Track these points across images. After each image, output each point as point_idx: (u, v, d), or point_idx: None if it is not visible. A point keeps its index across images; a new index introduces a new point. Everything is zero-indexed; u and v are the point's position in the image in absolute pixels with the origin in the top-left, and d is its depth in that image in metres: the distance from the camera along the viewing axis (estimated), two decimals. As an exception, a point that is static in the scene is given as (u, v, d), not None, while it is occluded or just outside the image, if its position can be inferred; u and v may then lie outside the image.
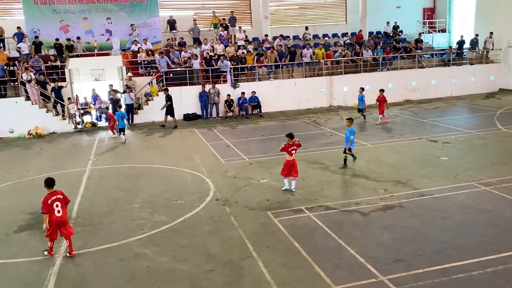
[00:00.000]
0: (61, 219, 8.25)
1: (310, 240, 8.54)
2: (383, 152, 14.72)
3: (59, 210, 8.20)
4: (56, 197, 8.25)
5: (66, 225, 8.40)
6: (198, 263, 7.90)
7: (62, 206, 8.26)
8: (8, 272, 7.96)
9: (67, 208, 8.50)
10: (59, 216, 8.20)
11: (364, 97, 20.26)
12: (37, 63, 22.47)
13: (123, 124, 18.61)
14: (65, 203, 8.38)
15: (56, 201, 8.22)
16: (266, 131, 19.26)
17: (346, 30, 30.87)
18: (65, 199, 8.42)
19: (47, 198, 8.21)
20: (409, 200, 10.43)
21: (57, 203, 8.22)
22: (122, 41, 25.15)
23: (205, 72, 23.99)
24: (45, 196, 8.25)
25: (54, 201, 8.20)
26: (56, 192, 8.34)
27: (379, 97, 19.86)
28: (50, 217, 8.19)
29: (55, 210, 8.17)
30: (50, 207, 8.15)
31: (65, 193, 10.32)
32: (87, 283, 7.42)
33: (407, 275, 7.14)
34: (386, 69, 26.92)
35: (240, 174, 13.05)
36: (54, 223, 8.20)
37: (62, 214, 8.25)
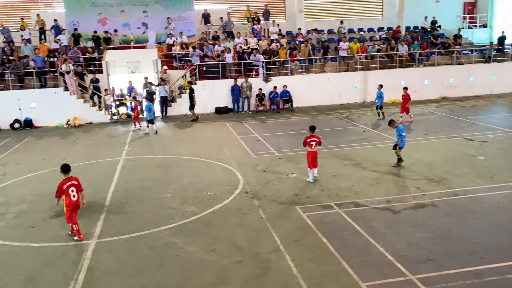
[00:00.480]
0: (76, 203, 8.70)
1: (338, 236, 8.48)
2: (416, 150, 14.39)
3: (74, 195, 8.64)
4: (72, 183, 8.68)
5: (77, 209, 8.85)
6: (226, 254, 7.99)
7: (76, 191, 8.69)
8: (44, 255, 8.29)
9: (81, 194, 8.86)
10: (75, 200, 8.65)
11: (383, 94, 19.73)
12: (76, 55, 23.17)
13: (151, 116, 18.93)
14: (78, 189, 8.75)
15: (71, 187, 8.65)
16: (296, 126, 19.18)
17: (382, 25, 30.24)
18: (79, 186, 8.78)
19: (63, 183, 8.66)
20: (442, 199, 10.17)
21: (72, 188, 8.65)
22: (157, 34, 25.55)
23: (238, 65, 24.08)
24: (61, 181, 8.70)
25: (69, 186, 8.64)
26: (71, 178, 8.76)
27: (403, 95, 19.09)
28: (68, 202, 8.64)
29: (70, 194, 8.62)
30: (65, 192, 8.60)
31: (100, 182, 10.67)
32: (118, 269, 7.64)
33: (438, 275, 6.98)
34: (423, 65, 26.22)
35: (269, 168, 13.07)
36: (71, 206, 8.65)
37: (77, 199, 8.68)
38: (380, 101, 19.70)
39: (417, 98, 24.70)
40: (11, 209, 10.67)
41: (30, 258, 8.18)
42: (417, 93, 24.81)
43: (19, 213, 10.36)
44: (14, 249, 8.56)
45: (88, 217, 9.91)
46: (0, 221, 9.94)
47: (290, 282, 6.98)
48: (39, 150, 16.71)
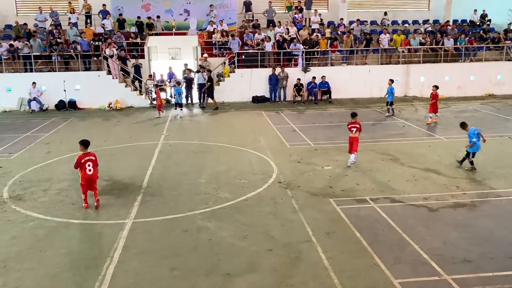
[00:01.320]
0: (91, 177, 9.37)
1: (372, 231, 8.35)
2: (458, 148, 13.87)
3: (90, 169, 9.33)
4: (89, 158, 9.38)
5: (94, 183, 9.53)
6: (257, 242, 8.03)
7: (93, 166, 9.38)
8: (82, 232, 8.63)
9: (97, 169, 9.56)
10: (90, 174, 9.34)
11: (394, 89, 19.04)
12: (119, 40, 23.69)
13: (180, 99, 19.66)
14: (95, 164, 9.42)
15: (88, 161, 9.35)
16: (334, 118, 18.94)
17: (428, 17, 29.21)
18: (96, 162, 9.46)
19: (81, 157, 9.36)
20: (483, 199, 9.81)
21: (89, 163, 9.35)
22: (199, 21, 25.73)
23: (277, 55, 23.95)
24: (80, 156, 9.42)
25: (86, 161, 9.34)
26: (89, 154, 9.47)
27: (432, 94, 17.68)
28: (83, 174, 9.34)
29: (86, 168, 9.30)
30: (83, 165, 9.30)
31: (138, 164, 10.89)
32: (153, 249, 7.83)
33: (474, 277, 6.76)
34: (469, 60, 25.21)
35: (304, 159, 13.00)
36: (85, 179, 9.35)
37: (93, 173, 9.37)
38: (391, 96, 18.96)
39: (462, 94, 23.88)
40: (54, 186, 11.13)
41: (69, 234, 8.52)
42: (461, 89, 24.01)
43: (61, 190, 10.79)
44: (56, 224, 8.93)
45: (125, 198, 10.21)
46: (43, 197, 10.38)
47: (320, 274, 6.95)
48: (82, 131, 17.29)
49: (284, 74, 22.74)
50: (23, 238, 8.35)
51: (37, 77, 21.81)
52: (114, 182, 11.33)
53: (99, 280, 6.86)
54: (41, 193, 10.65)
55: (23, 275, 7.07)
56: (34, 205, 9.88)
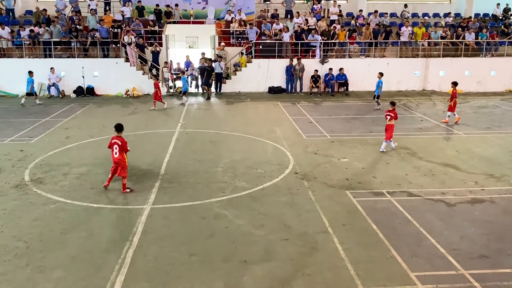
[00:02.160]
0: (116, 160, 9.71)
1: (389, 224, 8.35)
2: (477, 144, 13.76)
3: (116, 152, 9.69)
4: (115, 141, 9.70)
5: (119, 167, 9.73)
6: (274, 231, 8.09)
7: (119, 150, 9.66)
8: (102, 216, 8.77)
9: (125, 154, 9.81)
10: (115, 157, 9.70)
11: (382, 83, 18.74)
12: (138, 27, 23.79)
13: (186, 88, 20.26)
14: (122, 148, 9.68)
15: (115, 144, 9.69)
16: (351, 111, 18.84)
17: (449, 10, 28.71)
18: (123, 146, 9.70)
19: (112, 139, 9.83)
20: (502, 196, 9.72)
21: (116, 146, 9.67)
22: (217, 10, 25.70)
23: (294, 45, 23.82)
24: (112, 137, 9.90)
25: (113, 144, 9.72)
26: (118, 138, 9.75)
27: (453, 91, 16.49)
28: (112, 156, 9.80)
29: (113, 151, 9.72)
30: (111, 147, 9.75)
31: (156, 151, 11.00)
32: (171, 235, 7.95)
33: (492, 273, 6.74)
34: (490, 55, 24.77)
35: (320, 150, 12.99)
36: (113, 160, 9.80)
37: (118, 157, 9.66)
38: (378, 90, 18.72)
39: (481, 90, 23.53)
40: (74, 170, 11.32)
41: (89, 217, 8.68)
42: (481, 85, 23.65)
43: (80, 175, 10.98)
44: (76, 207, 9.11)
45: (144, 184, 10.35)
46: (63, 181, 10.58)
47: (337, 264, 6.99)
48: (100, 117, 17.50)
49: (300, 66, 22.62)
50: (44, 220, 8.54)
51: (56, 63, 22.05)
52: (132, 168, 11.44)
53: (119, 263, 7.00)
54: (61, 177, 10.85)
55: (45, 255, 7.25)
56: (54, 189, 10.08)
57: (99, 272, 6.78)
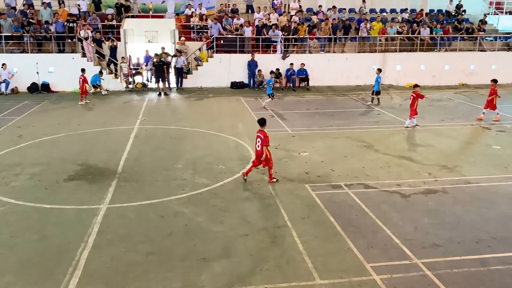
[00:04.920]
0: (257, 152, 10.09)
1: (346, 216, 8.50)
2: (432, 136, 14.23)
3: (258, 145, 10.04)
4: (258, 135, 10.06)
5: (264, 160, 10.03)
6: (233, 227, 8.08)
7: (261, 143, 9.93)
8: (55, 217, 8.47)
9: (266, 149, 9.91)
10: (258, 150, 10.05)
11: (380, 78, 19.04)
12: (95, 21, 23.11)
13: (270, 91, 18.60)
14: (263, 143, 9.90)
15: (258, 138, 10.08)
16: (311, 105, 19.05)
17: (405, 6, 29.46)
18: (265, 140, 9.89)
19: (257, 132, 10.17)
20: (454, 186, 10.10)
21: (258, 140, 10.03)
22: (176, 4, 25.34)
23: (256, 41, 23.82)
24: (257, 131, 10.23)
25: (257, 137, 10.10)
26: (262, 132, 10.04)
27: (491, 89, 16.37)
28: (255, 148, 10.20)
29: (256, 144, 10.09)
30: (256, 140, 10.15)
31: (113, 149, 10.77)
32: (128, 234, 7.78)
33: (443, 261, 6.99)
34: (444, 49, 25.65)
35: (281, 145, 13.06)
36: (256, 154, 10.19)
37: (259, 150, 9.99)
38: (377, 86, 18.91)
39: (436, 83, 24.32)
40: (26, 170, 10.89)
41: (42, 219, 8.37)
42: (436, 79, 24.46)
43: (33, 175, 10.57)
44: (27, 209, 8.77)
45: (100, 183, 10.09)
46: (15, 182, 10.16)
47: (295, 258, 7.06)
48: (55, 115, 16.92)
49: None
50: (-7, 223, 8.18)
51: (8, 59, 21.12)
52: (89, 166, 11.17)
53: (73, 265, 6.79)
54: (12, 177, 10.41)
55: (-6, 260, 6.94)
56: (5, 190, 9.66)
57: (52, 275, 6.55)
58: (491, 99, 16.39)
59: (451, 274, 6.64)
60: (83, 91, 19.17)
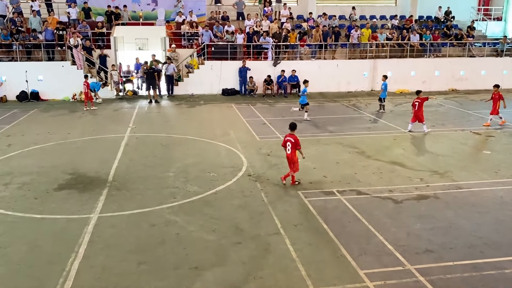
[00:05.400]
0: (288, 156, 10.31)
1: (339, 223, 8.49)
2: (422, 141, 14.32)
3: (288, 149, 10.24)
4: (288, 139, 10.23)
5: (291, 163, 10.29)
6: (226, 235, 8.02)
7: (292, 147, 10.17)
8: (45, 227, 8.36)
9: (296, 151, 10.23)
10: (288, 153, 10.28)
11: (386, 85, 18.79)
12: (85, 29, 23.01)
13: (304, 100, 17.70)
14: (293, 146, 10.15)
15: (287, 142, 10.24)
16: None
17: (395, 12, 29.79)
18: (296, 144, 10.16)
19: (285, 137, 10.43)
20: (445, 191, 10.14)
21: (289, 143, 10.20)
22: (167, 11, 25.32)
23: (247, 47, 23.87)
24: (285, 135, 10.43)
25: (286, 141, 10.28)
26: (292, 136, 10.24)
27: (493, 94, 16.62)
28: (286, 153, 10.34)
29: (286, 148, 10.28)
30: (284, 144, 10.33)
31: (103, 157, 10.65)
32: (119, 244, 7.69)
33: (436, 267, 6.99)
34: (434, 55, 25.91)
35: (273, 152, 13.05)
36: (287, 158, 10.37)
37: (290, 153, 10.22)
38: (385, 93, 18.78)
39: (427, 89, 24.39)
40: (15, 179, 10.75)
41: (32, 229, 8.25)
42: (427, 84, 24.63)
43: (23, 184, 10.43)
44: (17, 219, 8.64)
45: (90, 192, 9.98)
46: (4, 191, 10.02)
47: (289, 266, 7.02)
48: (45, 123, 16.76)
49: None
50: (-18, 234, 8.04)
51: (-3, 67, 20.96)
52: (79, 175, 11.06)
53: (63, 276, 6.69)
54: (1, 187, 10.27)
55: (-18, 272, 6.81)
56: (-7, 200, 9.52)
57: (42, 286, 6.45)
58: (495, 104, 16.40)
59: (444, 280, 6.64)
60: (87, 97, 19.38)
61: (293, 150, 10.19)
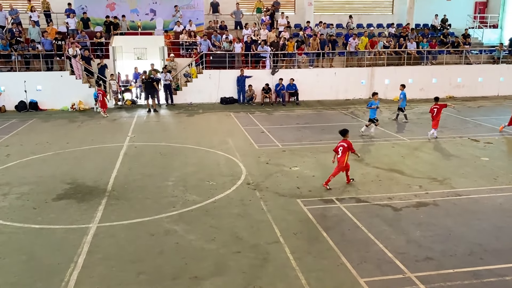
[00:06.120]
0: (338, 159, 10.75)
1: (338, 231, 8.47)
2: (421, 148, 14.35)
3: (340, 153, 10.67)
4: (341, 144, 10.73)
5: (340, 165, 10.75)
6: (225, 244, 8.00)
7: (343, 151, 10.64)
8: (44, 238, 8.32)
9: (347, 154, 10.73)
10: (339, 157, 10.71)
11: (405, 95, 18.42)
12: (83, 39, 23.10)
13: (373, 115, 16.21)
14: (347, 149, 10.67)
15: (340, 146, 10.72)
16: (301, 120, 19.14)
17: (392, 21, 29.98)
18: (349, 148, 10.71)
19: (339, 142, 10.86)
20: (444, 198, 10.15)
21: (341, 148, 10.68)
22: (165, 21, 25.45)
23: (245, 56, 23.98)
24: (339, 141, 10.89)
25: (339, 146, 10.75)
26: (345, 141, 10.76)
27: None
28: (337, 158, 10.80)
29: (338, 152, 10.69)
30: (336, 149, 10.76)
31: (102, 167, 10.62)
32: (118, 254, 7.66)
33: (437, 274, 6.97)
34: (431, 63, 26.04)
35: (272, 160, 13.06)
36: (338, 160, 10.78)
37: (341, 156, 10.66)
38: (404, 102, 18.30)
39: (424, 96, 24.60)
40: (14, 190, 10.72)
41: (31, 240, 8.22)
42: (424, 92, 24.74)
43: (22, 194, 10.41)
44: (15, 230, 8.61)
45: (89, 202, 9.96)
46: (3, 202, 9.99)
47: (288, 274, 6.99)
48: (44, 133, 16.76)
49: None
50: (-20, 245, 8.00)
51: (-5, 77, 20.99)
52: (78, 185, 11.04)
53: (62, 286, 6.66)
54: (0, 197, 10.23)
55: (-20, 283, 6.78)
56: (-8, 210, 9.49)
57: (40, 297, 6.41)
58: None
59: None
60: (103, 104, 19.86)
61: (344, 154, 10.66)
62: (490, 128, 17.07)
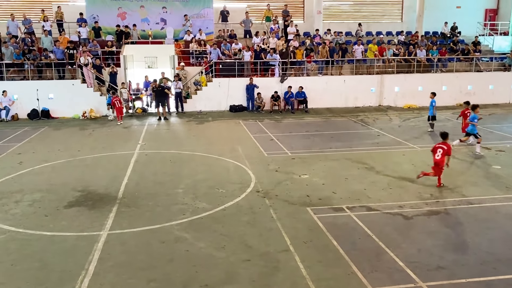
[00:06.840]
0: (436, 161, 11.25)
1: (349, 240, 8.43)
2: (431, 156, 14.20)
3: (438, 155, 11.19)
4: (440, 146, 11.27)
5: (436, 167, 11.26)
6: (235, 252, 8.00)
7: (442, 154, 11.15)
8: (55, 245, 8.38)
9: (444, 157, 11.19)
10: (437, 159, 11.22)
11: (435, 102, 17.93)
12: (95, 48, 23.40)
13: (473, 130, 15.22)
14: (446, 152, 11.17)
15: (439, 148, 11.24)
16: (310, 127, 19.13)
17: (401, 29, 29.95)
18: (448, 151, 11.20)
19: (436, 144, 11.53)
20: (456, 207, 10.05)
21: (440, 150, 11.19)
22: (175, 30, 25.71)
23: (254, 64, 24.10)
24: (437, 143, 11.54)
25: (437, 148, 11.28)
26: (444, 143, 11.32)
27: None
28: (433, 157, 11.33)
29: (436, 153, 11.23)
30: (435, 150, 11.33)
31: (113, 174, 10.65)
32: (129, 261, 7.70)
33: (448, 284, 6.90)
34: (440, 71, 25.93)
35: (281, 168, 13.06)
36: (434, 161, 11.32)
37: (439, 159, 11.18)
38: (432, 110, 17.95)
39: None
40: (26, 197, 10.84)
41: (42, 247, 8.29)
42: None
43: (34, 202, 10.52)
44: (27, 237, 8.69)
45: (100, 209, 10.03)
46: (15, 209, 10.10)
47: (298, 283, 6.97)
48: (55, 141, 16.95)
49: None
50: (-7, 251, 8.09)
51: (9, 86, 21.29)
52: (89, 193, 11.13)
53: (73, 294, 6.70)
54: (12, 204, 10.36)
55: (-7, 290, 6.85)
56: (5, 217, 9.59)
57: (52, 304, 6.46)
58: None
59: (457, 297, 6.56)
60: (119, 111, 20.37)
61: (442, 156, 11.09)
62: (502, 136, 16.91)
